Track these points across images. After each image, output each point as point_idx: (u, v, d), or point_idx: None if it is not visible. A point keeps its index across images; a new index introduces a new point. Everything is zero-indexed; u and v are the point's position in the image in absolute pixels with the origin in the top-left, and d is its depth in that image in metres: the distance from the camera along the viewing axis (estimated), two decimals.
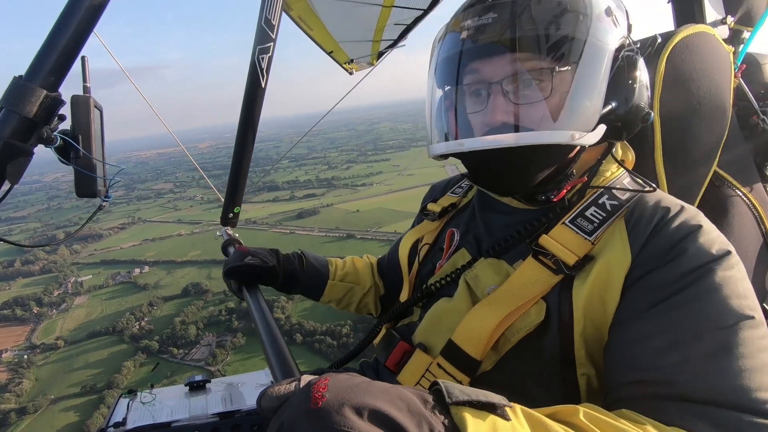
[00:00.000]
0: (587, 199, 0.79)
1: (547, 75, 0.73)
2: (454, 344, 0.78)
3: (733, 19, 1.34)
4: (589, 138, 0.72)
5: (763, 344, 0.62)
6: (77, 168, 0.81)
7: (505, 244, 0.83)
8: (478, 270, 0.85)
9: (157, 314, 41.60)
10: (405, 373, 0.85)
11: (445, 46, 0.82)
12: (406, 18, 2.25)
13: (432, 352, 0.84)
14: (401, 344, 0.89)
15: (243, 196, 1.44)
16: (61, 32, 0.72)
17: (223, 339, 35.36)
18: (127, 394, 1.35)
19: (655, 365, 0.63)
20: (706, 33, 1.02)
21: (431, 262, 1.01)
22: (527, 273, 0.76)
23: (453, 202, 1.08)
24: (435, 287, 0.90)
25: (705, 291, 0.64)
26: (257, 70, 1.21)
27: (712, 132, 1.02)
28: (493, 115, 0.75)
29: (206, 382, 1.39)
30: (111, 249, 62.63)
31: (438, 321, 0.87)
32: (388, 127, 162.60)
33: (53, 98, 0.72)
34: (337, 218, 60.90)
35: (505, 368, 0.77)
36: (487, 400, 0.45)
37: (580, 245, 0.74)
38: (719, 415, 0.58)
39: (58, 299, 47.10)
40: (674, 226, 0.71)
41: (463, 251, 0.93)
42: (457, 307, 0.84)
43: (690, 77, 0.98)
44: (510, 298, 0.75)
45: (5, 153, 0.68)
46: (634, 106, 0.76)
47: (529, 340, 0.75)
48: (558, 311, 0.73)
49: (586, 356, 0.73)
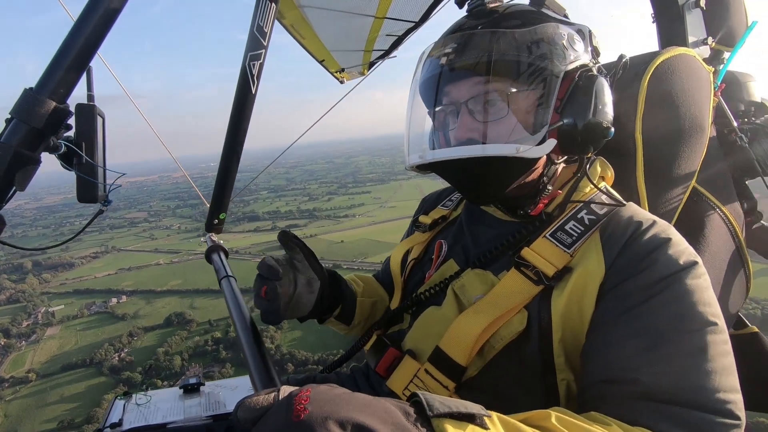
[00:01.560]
0: (567, 214, 0.84)
1: (503, 97, 0.80)
2: (441, 351, 0.82)
3: (713, 39, 1.39)
4: (534, 151, 0.78)
5: (725, 349, 0.67)
6: (80, 174, 0.85)
7: (490, 255, 0.88)
8: (465, 280, 0.89)
9: (138, 345, 40.17)
10: (394, 378, 0.88)
11: (424, 70, 0.90)
12: (398, 30, 2.27)
13: (420, 358, 0.88)
14: (391, 350, 0.93)
15: (229, 203, 1.41)
16: (71, 47, 0.75)
17: (210, 370, 34.45)
18: (122, 396, 1.35)
19: (623, 366, 0.67)
20: (687, 55, 1.09)
21: (421, 271, 1.06)
22: (510, 283, 0.80)
23: (443, 215, 1.13)
24: (424, 296, 0.95)
25: (673, 298, 0.69)
26: (248, 75, 1.21)
27: (692, 150, 1.07)
28: (458, 132, 0.84)
29: (200, 385, 1.38)
30: (84, 278, 60.22)
31: (426, 328, 0.91)
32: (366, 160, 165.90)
33: (62, 110, 0.75)
34: (322, 249, 61.18)
35: (489, 374, 0.81)
36: (466, 411, 0.46)
37: (560, 257, 0.78)
38: (682, 414, 0.61)
39: (28, 330, 44.71)
40: (645, 238, 0.75)
41: (451, 262, 0.98)
42: (445, 315, 0.88)
43: (671, 97, 1.04)
44: (494, 307, 0.79)
45: (14, 161, 0.71)
46: (592, 123, 0.80)
47: (512, 347, 0.79)
48: (538, 320, 0.77)
49: (565, 362, 0.77)
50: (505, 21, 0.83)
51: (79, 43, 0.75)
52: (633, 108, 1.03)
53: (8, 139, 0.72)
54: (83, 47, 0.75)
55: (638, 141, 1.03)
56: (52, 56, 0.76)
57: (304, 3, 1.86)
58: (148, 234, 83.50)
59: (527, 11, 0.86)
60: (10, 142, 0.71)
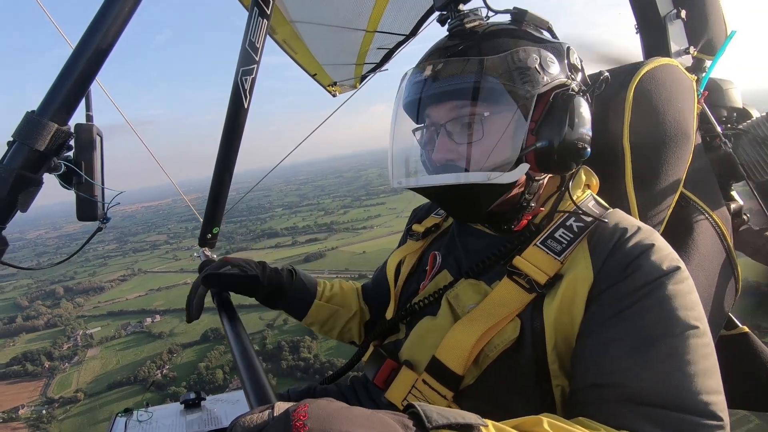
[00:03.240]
0: (556, 222, 0.86)
1: (479, 120, 0.82)
2: (437, 360, 0.83)
3: (695, 48, 1.42)
4: (506, 177, 0.80)
5: (706, 352, 0.69)
6: (79, 193, 0.85)
7: (483, 265, 0.90)
8: (459, 290, 0.91)
9: (179, 361, 41.26)
10: (393, 389, 0.89)
11: (406, 93, 0.92)
12: (389, 43, 2.28)
13: (417, 368, 0.89)
14: (388, 362, 0.94)
15: (222, 218, 1.42)
16: (72, 70, 0.77)
17: None
18: (123, 413, 1.34)
19: (609, 370, 0.69)
20: (670, 65, 1.12)
21: (416, 282, 1.07)
22: (503, 292, 0.82)
23: (436, 223, 1.15)
24: (419, 306, 0.96)
25: (656, 303, 0.71)
26: (240, 90, 1.21)
27: (678, 157, 1.09)
28: (436, 153, 0.87)
29: (201, 400, 1.38)
30: (116, 300, 61.74)
31: (422, 339, 0.92)
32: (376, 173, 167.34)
33: (63, 131, 0.76)
34: (345, 260, 62.29)
35: (486, 382, 0.82)
36: (464, 422, 0.47)
37: (551, 265, 0.80)
38: (665, 416, 0.63)
39: (69, 352, 46.11)
40: (630, 245, 0.77)
41: (444, 272, 1.00)
42: (441, 325, 0.89)
43: (656, 106, 1.07)
44: (488, 316, 0.80)
45: (17, 183, 0.72)
46: (567, 143, 0.81)
47: (507, 355, 0.80)
48: (531, 327, 0.79)
49: (559, 369, 0.79)
50: (483, 43, 0.85)
51: (79, 66, 0.77)
52: (620, 117, 1.06)
53: (11, 162, 0.73)
54: (84, 71, 0.77)
55: (626, 149, 1.05)
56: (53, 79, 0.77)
57: (295, 18, 1.89)
58: (171, 255, 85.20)
59: (506, 31, 0.87)
60: (12, 165, 0.72)
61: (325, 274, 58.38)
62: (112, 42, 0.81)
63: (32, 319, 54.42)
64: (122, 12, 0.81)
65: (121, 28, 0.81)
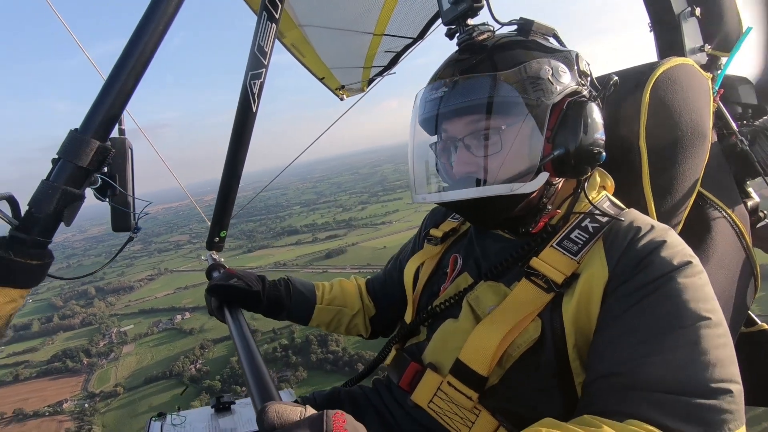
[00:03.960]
0: (572, 223, 0.88)
1: (496, 133, 0.84)
2: (461, 363, 0.85)
3: (710, 46, 1.42)
4: (529, 186, 0.83)
5: (719, 342, 0.68)
6: (114, 205, 0.89)
7: (501, 267, 0.91)
8: (479, 292, 0.93)
9: (211, 356, 42.52)
10: (418, 392, 0.91)
11: (422, 109, 0.94)
12: (397, 46, 2.29)
13: (441, 371, 0.91)
14: (412, 365, 0.96)
15: (230, 221, 1.44)
16: (111, 89, 0.80)
17: (284, 374, 36.30)
18: (157, 417, 1.38)
19: (619, 360, 0.70)
20: (685, 64, 1.11)
21: (436, 284, 1.09)
22: (521, 293, 0.84)
23: (454, 227, 1.16)
24: (440, 308, 0.98)
25: (666, 296, 0.72)
26: (248, 95, 1.21)
27: (695, 156, 1.08)
28: (456, 167, 0.90)
29: (231, 404, 1.40)
30: (146, 299, 63.63)
31: (445, 341, 0.94)
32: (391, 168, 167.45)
33: (104, 148, 0.79)
34: (366, 255, 62.88)
35: (510, 382, 0.84)
36: None
37: (567, 265, 0.82)
38: (672, 402, 0.63)
39: (106, 349, 47.83)
40: (643, 243, 0.79)
41: (465, 275, 1.01)
42: (463, 327, 0.91)
43: (673, 107, 1.06)
44: (508, 317, 0.82)
45: (62, 199, 0.76)
46: (582, 148, 0.84)
47: (529, 354, 0.82)
48: (551, 326, 0.81)
49: (580, 366, 0.80)
50: (495, 56, 0.87)
51: (118, 84, 0.80)
52: (636, 118, 1.06)
53: (56, 178, 0.76)
54: (122, 88, 0.80)
55: (642, 150, 1.06)
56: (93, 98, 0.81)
57: (303, 22, 1.88)
58: (194, 255, 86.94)
59: (516, 43, 0.89)
60: (58, 182, 0.76)
61: (347, 270, 59.17)
62: (148, 59, 0.84)
63: (68, 318, 56.59)
64: (157, 29, 0.84)
65: (156, 46, 0.84)
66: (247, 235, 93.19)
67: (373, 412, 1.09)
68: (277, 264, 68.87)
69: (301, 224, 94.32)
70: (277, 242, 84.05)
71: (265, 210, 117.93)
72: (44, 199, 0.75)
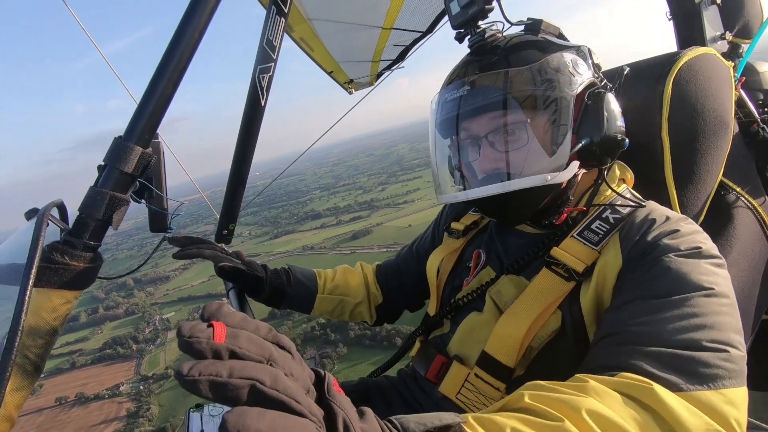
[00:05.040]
0: (592, 215, 0.89)
1: (522, 126, 0.86)
2: (487, 355, 0.86)
3: (731, 33, 1.40)
4: (562, 176, 0.84)
5: (719, 309, 0.67)
6: (151, 207, 0.91)
7: (522, 261, 0.93)
8: (500, 286, 0.95)
9: None
10: (446, 384, 0.94)
11: (441, 110, 0.96)
12: (405, 40, 2.28)
13: (468, 362, 0.93)
14: (438, 357, 0.99)
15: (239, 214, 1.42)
16: (151, 97, 0.82)
17: (325, 351, 37.66)
18: (195, 409, 1.37)
19: (617, 322, 0.71)
20: (707, 54, 1.11)
21: (458, 278, 1.10)
22: (542, 282, 0.85)
23: (475, 220, 1.17)
24: (463, 302, 1.00)
25: (670, 270, 0.72)
26: (257, 89, 1.21)
27: (717, 146, 1.08)
28: (483, 164, 0.90)
29: None
30: (183, 287, 66.19)
31: (470, 333, 0.96)
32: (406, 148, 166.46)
33: (147, 153, 0.82)
34: (392, 234, 63.57)
35: (535, 372, 0.85)
36: (441, 424, 0.48)
37: (588, 255, 0.83)
38: (669, 356, 0.62)
39: (152, 335, 50.39)
40: (656, 232, 0.80)
41: (488, 269, 1.03)
42: (487, 320, 0.93)
43: (695, 98, 1.06)
44: (529, 306, 0.84)
45: (110, 204, 0.78)
46: (606, 137, 0.86)
47: (552, 345, 0.84)
48: (571, 317, 0.82)
49: None
50: (511, 56, 0.88)
51: (158, 91, 0.82)
52: (658, 109, 1.06)
53: (104, 184, 0.79)
54: (162, 95, 0.83)
55: (665, 141, 1.06)
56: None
57: (312, 16, 1.87)
58: None
59: (530, 42, 0.91)
60: (105, 188, 0.79)
61: (375, 250, 60.10)
62: (185, 65, 0.86)
63: (112, 309, 59.62)
64: (193, 37, 0.85)
65: (192, 52, 0.86)
66: (271, 222, 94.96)
67: (401, 403, 1.12)
68: (305, 248, 70.44)
69: (323, 208, 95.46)
70: (301, 227, 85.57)
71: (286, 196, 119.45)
72: (94, 204, 0.78)
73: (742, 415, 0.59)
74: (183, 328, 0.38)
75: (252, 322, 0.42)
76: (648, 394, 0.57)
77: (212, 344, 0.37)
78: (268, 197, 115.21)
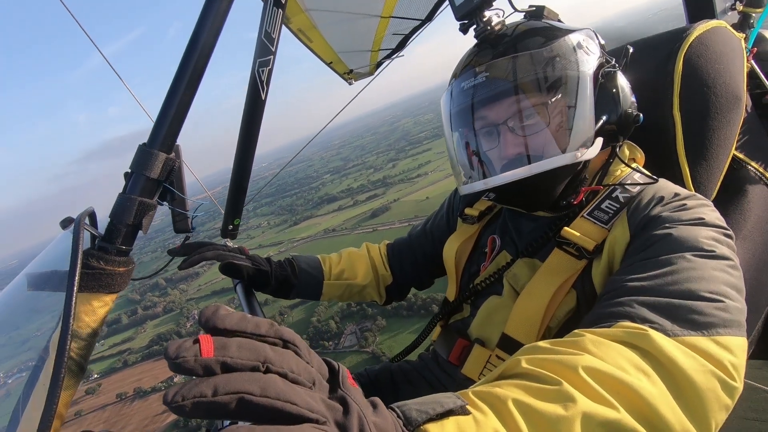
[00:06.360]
0: (602, 195, 0.90)
1: (542, 108, 0.86)
2: (508, 336, 0.88)
3: (741, 3, 1.37)
4: (590, 152, 0.85)
5: (719, 267, 0.67)
6: (174, 209, 0.92)
7: (536, 244, 0.95)
8: (516, 269, 0.97)
9: (290, 321, 46.05)
10: (468, 366, 0.96)
11: (455, 100, 0.96)
12: (405, 28, 2.27)
13: (489, 345, 0.96)
14: (460, 341, 1.01)
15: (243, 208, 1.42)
16: (171, 104, 0.84)
17: (364, 325, 39.05)
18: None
19: (617, 282, 0.72)
20: (718, 27, 1.09)
21: (476, 263, 1.12)
22: (554, 261, 0.87)
23: (489, 206, 1.17)
24: (481, 286, 1.02)
25: (670, 236, 0.73)
26: (257, 82, 1.19)
27: (730, 121, 1.07)
28: (505, 150, 0.90)
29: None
30: (213, 281, 68.01)
31: (490, 316, 0.98)
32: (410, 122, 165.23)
33: (170, 159, 0.84)
34: (411, 209, 64.25)
35: None
36: (443, 410, 0.47)
37: (598, 233, 0.84)
38: (657, 302, 0.63)
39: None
40: (663, 205, 0.81)
41: (504, 253, 1.05)
42: (506, 303, 0.96)
43: (707, 73, 1.04)
44: (543, 286, 0.86)
45: (139, 209, 0.81)
46: (623, 113, 0.88)
47: (569, 324, 0.85)
48: (584, 295, 0.84)
49: None
50: (522, 41, 0.89)
51: (177, 98, 0.84)
52: (669, 86, 1.05)
53: (131, 191, 0.81)
54: (181, 102, 0.85)
55: (677, 118, 1.05)
56: (158, 111, 0.86)
57: (310, 6, 1.85)
58: (245, 235, 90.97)
59: (537, 28, 0.92)
60: (134, 194, 0.81)
61: (396, 225, 60.96)
62: (202, 71, 0.88)
63: (150, 308, 62.01)
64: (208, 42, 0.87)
65: (207, 57, 0.88)
66: (287, 210, 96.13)
67: (425, 385, 1.16)
68: (327, 231, 71.64)
69: (337, 191, 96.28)
70: (319, 211, 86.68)
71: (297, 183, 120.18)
72: (123, 211, 0.81)
73: (740, 360, 0.59)
74: (169, 350, 0.35)
75: (252, 320, 0.40)
76: (642, 338, 0.58)
77: (201, 360, 0.35)
78: (279, 186, 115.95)
